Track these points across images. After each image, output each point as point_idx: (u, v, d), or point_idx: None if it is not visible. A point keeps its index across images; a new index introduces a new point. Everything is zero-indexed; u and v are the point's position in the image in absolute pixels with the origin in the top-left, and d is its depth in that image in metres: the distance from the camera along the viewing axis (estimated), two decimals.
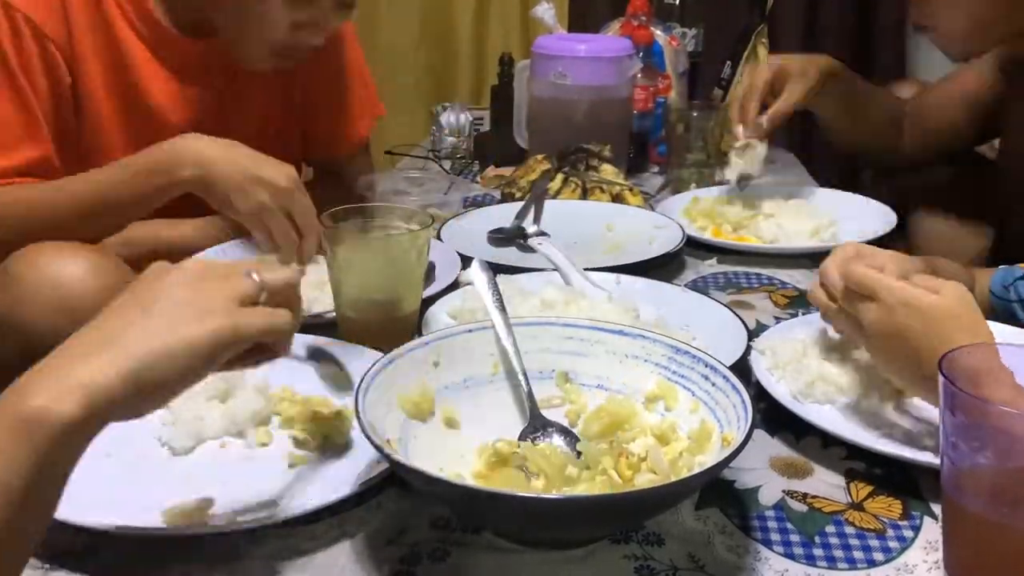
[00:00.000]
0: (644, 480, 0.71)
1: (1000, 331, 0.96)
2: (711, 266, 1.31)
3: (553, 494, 0.71)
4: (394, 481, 0.76)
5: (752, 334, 0.98)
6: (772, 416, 0.86)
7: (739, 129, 1.45)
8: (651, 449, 0.73)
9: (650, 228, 1.37)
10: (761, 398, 0.88)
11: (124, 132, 1.24)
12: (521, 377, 0.81)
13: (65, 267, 1.02)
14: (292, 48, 1.22)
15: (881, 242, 1.39)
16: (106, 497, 0.73)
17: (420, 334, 0.96)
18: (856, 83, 1.54)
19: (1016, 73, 1.38)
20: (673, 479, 0.70)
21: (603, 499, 0.68)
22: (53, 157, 1.16)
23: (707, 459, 0.72)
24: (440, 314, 1.03)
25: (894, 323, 0.79)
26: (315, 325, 1.02)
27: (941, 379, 0.63)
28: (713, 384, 0.77)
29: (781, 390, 0.89)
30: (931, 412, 0.86)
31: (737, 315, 1.02)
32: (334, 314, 1.04)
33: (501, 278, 1.09)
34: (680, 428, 0.78)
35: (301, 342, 0.96)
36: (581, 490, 0.72)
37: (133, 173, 1.09)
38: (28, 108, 1.14)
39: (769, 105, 1.45)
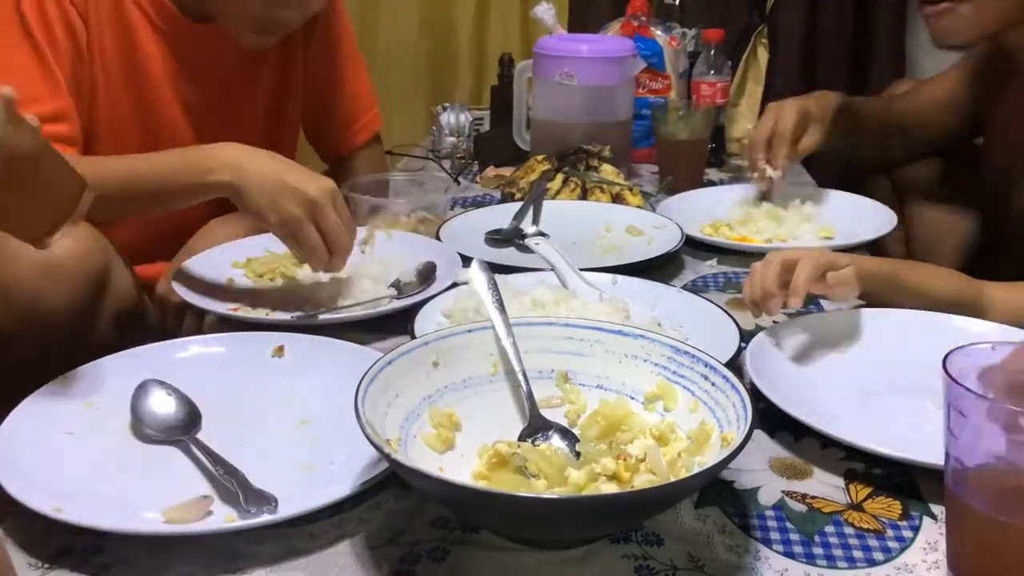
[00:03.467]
0: (643, 480, 0.71)
1: (999, 331, 0.97)
2: (711, 266, 1.31)
3: (553, 494, 0.71)
4: (394, 481, 0.76)
5: (748, 335, 0.98)
6: (771, 417, 0.86)
7: (766, 168, 1.48)
8: (649, 450, 0.73)
9: (649, 228, 1.37)
10: (759, 398, 0.88)
11: (132, 102, 1.26)
12: (521, 377, 0.81)
13: None
14: (272, 22, 1.23)
15: (881, 241, 1.39)
16: (106, 497, 0.73)
17: (414, 335, 0.96)
18: (854, 108, 1.58)
19: (991, 75, 1.40)
20: (672, 479, 0.70)
21: (603, 499, 0.68)
22: (72, 111, 1.18)
23: (707, 459, 0.72)
24: (435, 314, 1.03)
25: None
26: (312, 326, 1.02)
27: (945, 377, 0.63)
28: (712, 384, 0.77)
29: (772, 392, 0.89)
30: (930, 413, 0.86)
31: (731, 315, 1.02)
32: (329, 315, 1.05)
33: (496, 278, 1.09)
34: (680, 428, 0.78)
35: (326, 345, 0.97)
36: (579, 491, 0.72)
37: (168, 168, 1.10)
38: (46, 63, 1.15)
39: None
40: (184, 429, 0.83)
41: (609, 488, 0.71)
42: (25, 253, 0.99)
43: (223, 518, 0.70)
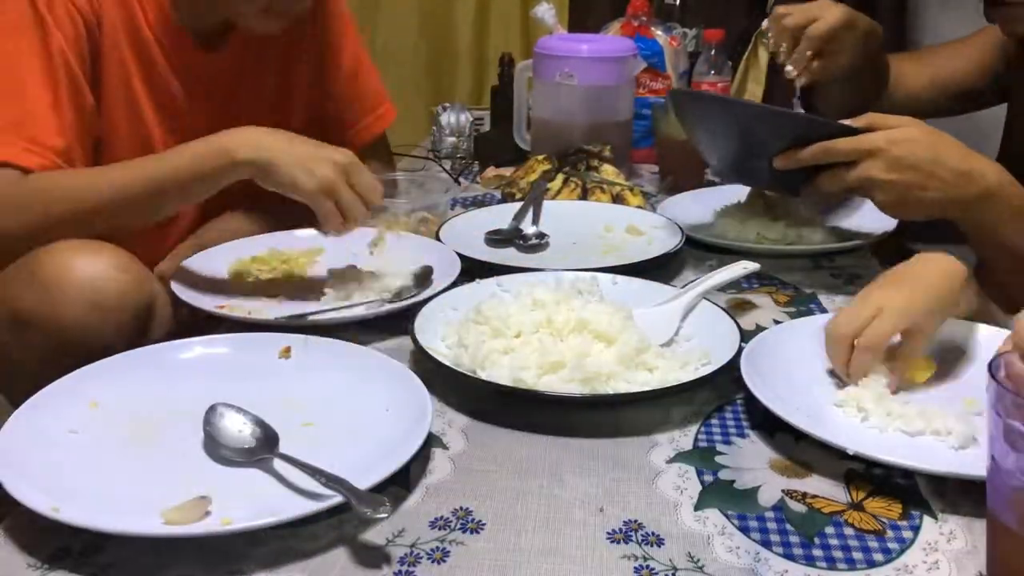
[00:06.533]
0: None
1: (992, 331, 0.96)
2: (711, 266, 1.31)
3: None
4: (395, 482, 0.76)
5: (749, 335, 0.98)
6: (771, 416, 0.86)
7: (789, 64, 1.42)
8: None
9: (649, 228, 1.37)
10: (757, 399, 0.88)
11: (155, 113, 1.27)
12: None
13: (92, 265, 1.03)
14: (279, 2, 1.22)
15: (880, 242, 1.39)
16: (106, 498, 0.73)
17: (414, 336, 0.96)
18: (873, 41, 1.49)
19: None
20: None
21: None
22: (75, 147, 1.16)
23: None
24: (434, 314, 1.03)
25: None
26: (311, 326, 1.02)
27: (992, 383, 0.59)
28: None
29: (769, 394, 0.88)
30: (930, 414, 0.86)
31: (731, 315, 1.02)
32: (323, 316, 1.04)
33: (498, 279, 1.09)
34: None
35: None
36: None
37: (191, 156, 1.09)
38: (58, 93, 1.14)
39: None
40: (266, 447, 0.80)
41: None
42: (71, 290, 1.01)
43: (220, 520, 0.70)
